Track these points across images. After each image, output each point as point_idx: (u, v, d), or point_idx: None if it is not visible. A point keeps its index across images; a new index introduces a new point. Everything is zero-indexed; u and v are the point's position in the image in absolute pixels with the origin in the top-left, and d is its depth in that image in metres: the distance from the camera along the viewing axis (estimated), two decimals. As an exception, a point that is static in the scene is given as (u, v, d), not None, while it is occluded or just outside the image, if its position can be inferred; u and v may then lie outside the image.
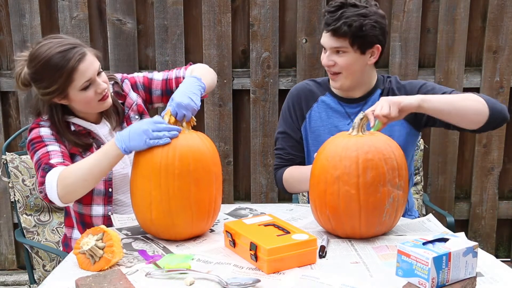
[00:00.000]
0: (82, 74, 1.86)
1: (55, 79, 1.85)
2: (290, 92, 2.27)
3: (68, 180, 1.80)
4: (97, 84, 1.91)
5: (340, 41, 2.01)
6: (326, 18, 2.02)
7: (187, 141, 1.72)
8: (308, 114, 2.21)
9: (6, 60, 3.15)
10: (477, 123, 1.94)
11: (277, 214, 1.82)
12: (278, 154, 2.27)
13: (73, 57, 1.85)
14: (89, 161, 1.82)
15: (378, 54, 2.08)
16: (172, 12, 3.01)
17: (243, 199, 3.28)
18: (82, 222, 2.06)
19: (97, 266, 1.55)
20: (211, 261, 1.61)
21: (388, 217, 1.72)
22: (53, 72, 1.85)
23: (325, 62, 2.08)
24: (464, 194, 3.31)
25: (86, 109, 1.97)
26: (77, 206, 2.05)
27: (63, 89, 1.87)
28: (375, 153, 1.69)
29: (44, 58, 1.85)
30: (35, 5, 3.00)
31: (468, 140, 3.23)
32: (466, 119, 1.93)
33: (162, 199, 1.68)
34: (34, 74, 1.89)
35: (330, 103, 2.19)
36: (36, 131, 1.96)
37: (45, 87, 1.88)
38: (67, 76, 1.85)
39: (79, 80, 1.86)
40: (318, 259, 1.61)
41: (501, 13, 3.02)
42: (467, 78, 3.11)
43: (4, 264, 3.32)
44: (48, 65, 1.85)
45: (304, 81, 2.29)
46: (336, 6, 2.02)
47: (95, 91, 1.91)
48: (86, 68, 1.87)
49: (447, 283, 1.41)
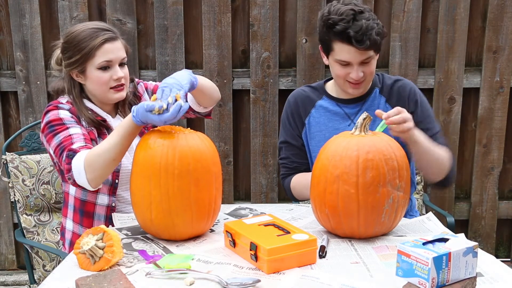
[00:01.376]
0: (103, 53, 1.96)
1: (79, 50, 1.96)
2: (288, 100, 2.28)
3: (96, 164, 1.81)
4: (115, 70, 1.99)
5: (369, 52, 2.01)
6: (353, 35, 1.94)
7: (187, 141, 1.72)
8: (307, 120, 2.21)
9: (6, 60, 3.15)
10: (436, 177, 2.10)
11: (277, 214, 1.83)
12: (283, 164, 2.29)
13: (101, 36, 1.97)
14: (110, 140, 1.82)
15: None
16: (172, 12, 3.02)
17: (243, 199, 3.29)
18: (82, 210, 2.06)
19: (97, 266, 1.55)
20: (211, 261, 1.61)
21: (388, 218, 1.71)
22: (79, 44, 1.97)
23: (356, 76, 2.02)
24: (464, 194, 3.31)
25: (98, 92, 2.02)
26: (80, 192, 2.06)
27: (83, 61, 1.97)
28: (375, 153, 1.69)
29: (77, 31, 1.99)
30: (35, 5, 3.00)
31: (468, 140, 3.24)
32: (433, 173, 2.09)
33: (162, 199, 1.68)
34: (64, 43, 2.02)
35: (328, 107, 2.19)
36: (55, 113, 1.98)
37: (68, 57, 1.99)
38: (89, 50, 1.96)
39: (99, 57, 1.96)
40: (318, 259, 1.61)
41: (501, 13, 3.02)
42: (467, 78, 3.11)
43: (4, 264, 3.32)
44: (77, 36, 1.98)
45: (300, 88, 2.29)
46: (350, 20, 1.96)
47: (111, 76, 1.99)
48: (110, 50, 1.97)
49: (447, 283, 1.41)
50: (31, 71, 3.07)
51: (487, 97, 3.12)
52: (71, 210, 2.10)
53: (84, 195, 2.06)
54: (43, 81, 3.08)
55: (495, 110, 3.13)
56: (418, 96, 2.18)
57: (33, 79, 3.08)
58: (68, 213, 2.12)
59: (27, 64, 3.06)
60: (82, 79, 2.03)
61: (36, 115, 3.10)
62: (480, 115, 3.15)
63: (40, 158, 2.38)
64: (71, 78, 2.04)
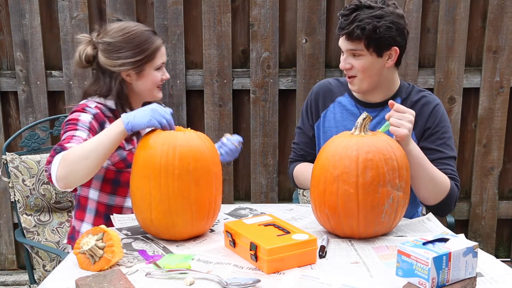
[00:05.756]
0: (162, 55, 2.07)
1: (143, 51, 2.01)
2: (312, 89, 2.27)
3: (69, 160, 1.77)
4: (164, 71, 2.10)
5: (355, 44, 1.97)
6: (340, 22, 1.98)
7: (187, 141, 1.72)
8: (324, 114, 2.20)
9: (6, 60, 3.15)
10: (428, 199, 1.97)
11: (277, 214, 1.83)
12: (293, 148, 2.31)
13: (159, 38, 2.07)
14: (92, 140, 1.81)
15: (396, 56, 2.01)
16: (172, 12, 3.02)
17: (243, 199, 3.29)
18: (108, 215, 2.04)
19: (97, 266, 1.55)
20: (211, 261, 1.61)
21: (387, 217, 1.71)
22: (142, 44, 2.01)
23: (342, 65, 2.04)
24: (464, 194, 3.31)
25: (148, 91, 2.08)
26: (107, 198, 2.07)
27: (144, 62, 2.02)
28: (375, 153, 1.69)
29: (135, 31, 2.02)
30: (35, 5, 3.00)
31: (468, 140, 3.24)
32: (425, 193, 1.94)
33: (162, 199, 1.68)
34: (119, 43, 2.00)
35: (346, 105, 2.16)
36: (77, 114, 1.99)
37: (126, 57, 2.00)
38: (153, 52, 2.03)
39: (159, 59, 2.05)
40: (318, 259, 1.61)
41: (501, 13, 3.02)
42: (467, 78, 3.11)
43: (4, 264, 3.32)
44: (139, 36, 2.01)
45: (327, 80, 2.26)
46: (350, 9, 1.97)
47: (161, 76, 2.08)
48: (164, 52, 2.09)
49: (447, 283, 1.41)
50: (31, 71, 3.07)
51: (487, 97, 3.12)
52: (92, 214, 2.10)
53: (110, 200, 2.07)
54: (43, 81, 3.08)
55: (495, 110, 3.13)
56: (440, 116, 2.05)
57: (33, 79, 3.08)
58: (86, 217, 2.11)
59: (27, 64, 3.06)
60: (133, 78, 2.04)
61: (36, 115, 3.10)
62: (480, 115, 3.15)
63: (40, 158, 2.38)
64: (116, 77, 2.03)
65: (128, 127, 1.77)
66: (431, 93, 2.14)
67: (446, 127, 2.07)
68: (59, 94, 3.14)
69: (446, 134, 2.06)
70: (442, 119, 2.06)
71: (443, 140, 2.05)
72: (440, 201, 1.96)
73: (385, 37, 1.95)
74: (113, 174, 2.06)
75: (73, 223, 2.16)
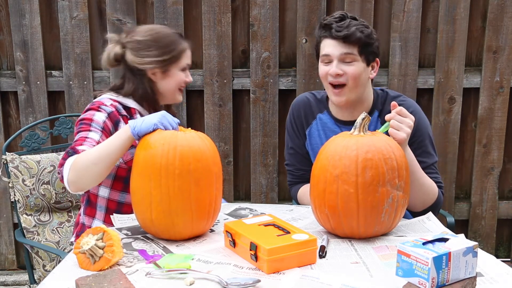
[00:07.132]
0: (188, 57, 2.14)
1: (170, 51, 2.07)
2: (291, 107, 2.27)
3: (79, 165, 1.81)
4: (187, 74, 2.16)
5: (350, 47, 2.00)
6: (335, 26, 2.00)
7: (187, 141, 1.72)
8: (308, 131, 2.21)
9: (6, 60, 3.15)
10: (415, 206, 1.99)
11: (277, 214, 1.83)
12: (289, 171, 2.29)
13: (185, 41, 2.14)
14: (101, 146, 1.84)
15: (377, 68, 2.11)
16: (172, 12, 3.02)
17: (243, 199, 3.29)
18: (119, 212, 2.07)
19: (97, 266, 1.55)
20: (211, 261, 1.61)
21: (387, 217, 1.72)
22: (170, 45, 2.08)
23: (333, 70, 2.01)
24: (464, 194, 3.31)
25: (170, 92, 2.13)
26: (118, 195, 2.09)
27: (171, 62, 2.08)
28: (375, 152, 1.69)
29: (163, 32, 2.11)
30: (35, 5, 3.00)
31: (468, 140, 3.24)
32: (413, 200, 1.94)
33: (162, 199, 1.68)
34: (149, 41, 2.07)
35: (327, 122, 2.18)
36: (91, 112, 2.01)
37: (155, 55, 2.06)
38: (179, 52, 2.09)
39: (184, 60, 2.12)
40: (318, 259, 1.61)
41: (501, 13, 3.02)
42: (467, 78, 3.11)
43: (4, 264, 3.32)
44: (166, 37, 2.09)
45: (304, 94, 2.27)
46: (339, 17, 2.03)
47: (185, 78, 2.14)
48: (189, 55, 2.15)
49: (447, 283, 1.41)
50: (31, 71, 3.07)
51: (487, 97, 3.12)
52: (102, 211, 2.12)
53: (122, 198, 2.09)
54: (43, 81, 3.08)
55: (495, 110, 3.13)
56: (416, 124, 1.94)
57: (33, 79, 3.07)
58: (97, 214, 2.13)
59: (27, 64, 3.06)
60: (158, 77, 2.08)
61: (36, 115, 3.10)
62: (480, 115, 3.15)
63: (40, 158, 2.38)
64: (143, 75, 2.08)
65: (135, 132, 1.78)
66: (407, 98, 2.14)
67: (424, 133, 2.06)
68: (59, 94, 3.14)
69: (424, 142, 2.07)
70: (418, 127, 2.03)
71: (422, 148, 2.06)
72: (425, 208, 2.00)
73: (374, 45, 2.04)
74: (124, 172, 2.08)
75: (82, 220, 2.17)
